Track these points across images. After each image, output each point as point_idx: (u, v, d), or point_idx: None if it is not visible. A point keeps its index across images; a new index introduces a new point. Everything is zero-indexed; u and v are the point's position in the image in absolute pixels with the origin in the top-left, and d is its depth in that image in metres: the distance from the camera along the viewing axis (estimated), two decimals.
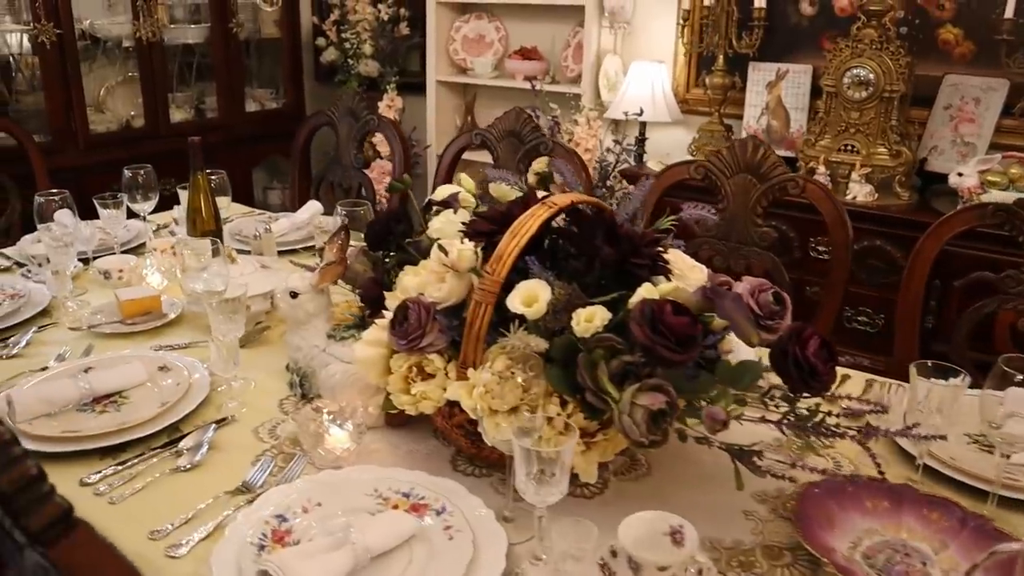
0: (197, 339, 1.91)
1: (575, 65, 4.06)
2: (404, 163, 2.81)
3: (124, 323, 1.97)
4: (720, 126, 3.60)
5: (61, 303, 2.06)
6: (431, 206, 1.59)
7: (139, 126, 3.90)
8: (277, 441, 1.47)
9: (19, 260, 2.41)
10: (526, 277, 1.29)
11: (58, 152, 3.50)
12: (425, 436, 1.50)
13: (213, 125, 4.18)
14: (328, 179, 3.01)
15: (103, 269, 2.22)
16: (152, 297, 2.02)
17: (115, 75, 3.93)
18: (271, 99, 4.60)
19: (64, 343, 1.89)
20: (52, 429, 1.46)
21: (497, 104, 4.47)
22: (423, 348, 1.30)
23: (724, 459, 1.28)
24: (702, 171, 2.19)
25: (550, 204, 1.31)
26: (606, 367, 1.19)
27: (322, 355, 1.56)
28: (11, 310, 1.99)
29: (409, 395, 1.32)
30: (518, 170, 2.50)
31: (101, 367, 1.69)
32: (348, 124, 2.93)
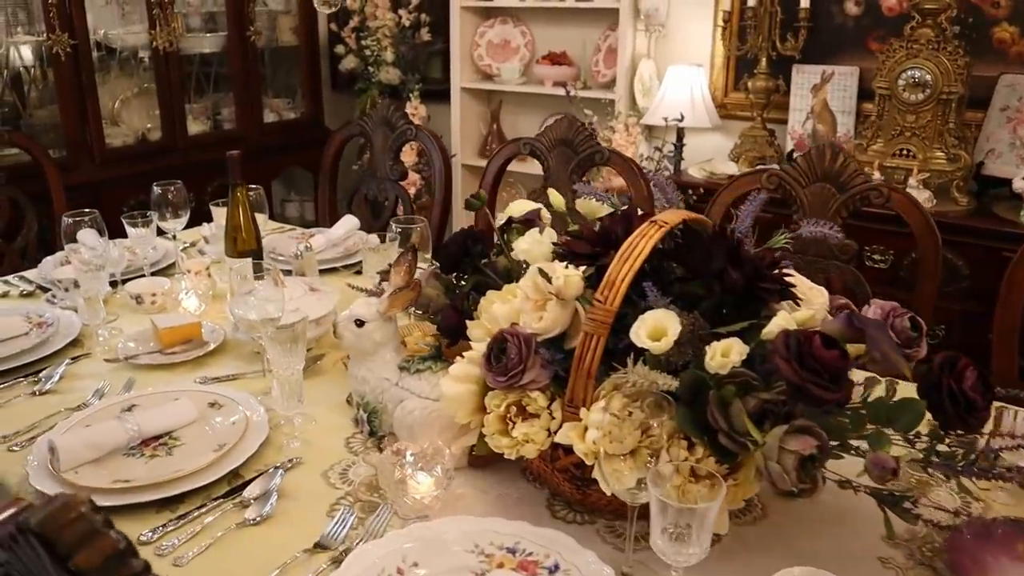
0: (243, 369, 1.77)
1: (607, 70, 3.93)
2: (444, 176, 2.67)
3: (163, 353, 1.82)
4: (763, 131, 3.46)
5: (92, 331, 1.92)
6: (510, 223, 1.45)
7: (156, 139, 3.76)
8: (351, 487, 1.33)
9: (42, 284, 2.26)
10: (631, 305, 1.16)
11: (74, 167, 3.36)
12: (514, 478, 1.36)
13: (231, 137, 4.04)
14: (362, 192, 2.87)
15: (135, 293, 2.08)
16: (192, 324, 1.88)
17: (130, 87, 3.79)
18: (288, 109, 4.46)
19: (100, 376, 1.75)
20: (101, 478, 1.32)
21: (524, 111, 4.35)
22: (524, 385, 1.16)
23: (844, 497, 1.15)
24: (775, 180, 2.06)
25: (660, 223, 1.17)
26: (743, 406, 1.05)
27: (394, 389, 1.41)
28: (40, 341, 1.85)
29: (509, 437, 1.18)
30: (571, 181, 2.36)
31: (146, 405, 1.55)
32: (383, 134, 2.79)
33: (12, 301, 2.19)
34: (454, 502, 1.29)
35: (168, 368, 1.78)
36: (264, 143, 4.13)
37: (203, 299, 2.06)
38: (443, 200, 2.68)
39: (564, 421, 1.16)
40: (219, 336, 1.88)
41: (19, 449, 1.47)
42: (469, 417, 1.24)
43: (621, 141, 3.50)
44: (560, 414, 1.16)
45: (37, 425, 1.54)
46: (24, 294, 2.23)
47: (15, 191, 2.90)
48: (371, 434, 1.46)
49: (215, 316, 2.03)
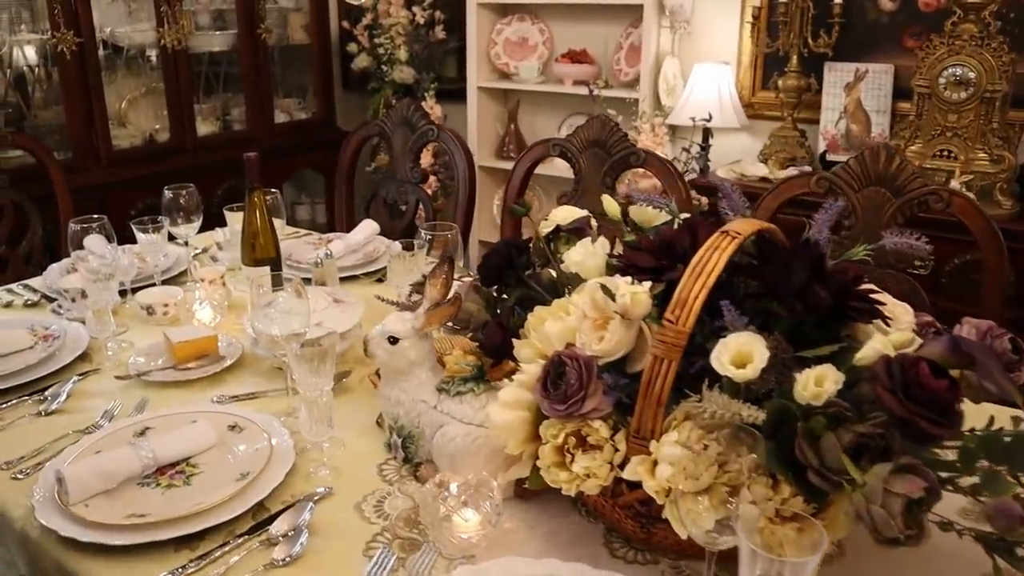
0: (263, 386, 1.66)
1: (629, 68, 3.81)
2: (468, 179, 2.55)
3: (177, 369, 1.71)
4: (794, 131, 3.34)
5: (101, 345, 1.81)
6: (558, 232, 1.34)
7: (164, 140, 3.65)
8: (388, 522, 1.22)
9: (48, 293, 2.15)
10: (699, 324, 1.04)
11: (80, 170, 3.25)
12: (565, 510, 1.24)
13: (241, 138, 3.93)
14: (380, 195, 2.76)
15: (146, 304, 1.97)
16: (208, 338, 1.77)
17: (137, 86, 3.68)
18: (299, 109, 4.35)
19: (110, 395, 1.64)
20: (114, 513, 1.20)
21: (542, 111, 4.24)
22: (585, 415, 1.05)
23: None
24: (825, 184, 1.94)
25: (732, 233, 1.06)
26: (837, 441, 0.94)
27: (432, 413, 1.30)
28: (46, 355, 1.74)
29: (568, 471, 1.07)
30: (604, 185, 2.25)
31: (160, 428, 1.44)
32: (403, 135, 2.68)
33: (16, 312, 2.08)
34: (501, 539, 1.17)
35: (183, 385, 1.67)
36: (275, 144, 4.01)
37: (218, 310, 1.95)
38: (466, 204, 2.57)
39: (629, 454, 1.05)
40: (236, 351, 1.77)
41: (24, 477, 1.36)
42: (521, 447, 1.13)
43: (647, 142, 3.38)
44: (624, 446, 1.05)
45: (43, 449, 1.44)
46: (29, 304, 2.12)
47: (19, 195, 2.80)
48: (406, 460, 1.35)
49: (231, 328, 1.93)
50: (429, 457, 1.32)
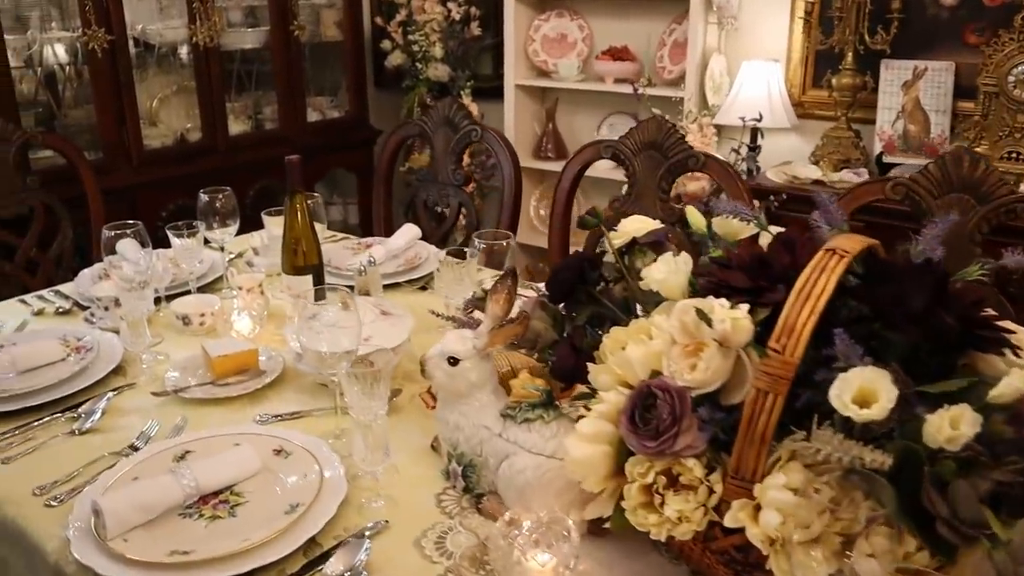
0: (306, 404, 1.58)
1: (673, 66, 3.70)
2: (514, 182, 2.45)
3: (216, 384, 1.63)
4: (848, 131, 3.22)
5: (135, 357, 1.73)
6: (634, 245, 1.24)
7: (195, 140, 3.57)
8: (452, 562, 1.12)
9: (80, 301, 2.08)
10: None
11: (110, 170, 3.18)
12: (642, 548, 1.14)
13: (274, 137, 3.85)
14: (421, 197, 2.67)
15: (181, 314, 1.88)
16: (248, 352, 1.68)
17: (168, 85, 3.61)
18: (331, 107, 4.27)
19: (146, 412, 1.55)
20: (156, 550, 1.12)
21: (581, 110, 4.14)
22: (678, 452, 0.95)
23: None
24: (902, 190, 1.83)
25: (840, 252, 0.95)
26: (972, 489, 0.83)
27: (497, 441, 1.20)
28: (79, 369, 1.66)
29: (657, 514, 0.97)
30: (659, 189, 2.14)
31: (201, 452, 1.35)
32: (445, 135, 2.58)
33: (48, 320, 2.01)
34: None
35: (222, 403, 1.58)
36: (307, 143, 3.93)
37: (257, 320, 1.87)
38: (512, 207, 2.47)
39: (726, 496, 0.94)
40: (277, 365, 1.68)
41: (58, 504, 1.27)
42: (602, 485, 1.03)
43: (695, 142, 3.27)
44: (721, 487, 0.95)
45: (77, 473, 1.35)
46: (60, 312, 2.04)
47: (50, 196, 2.72)
48: (467, 491, 1.26)
49: (270, 340, 1.84)
50: (492, 488, 1.23)
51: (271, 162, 3.75)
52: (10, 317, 2.01)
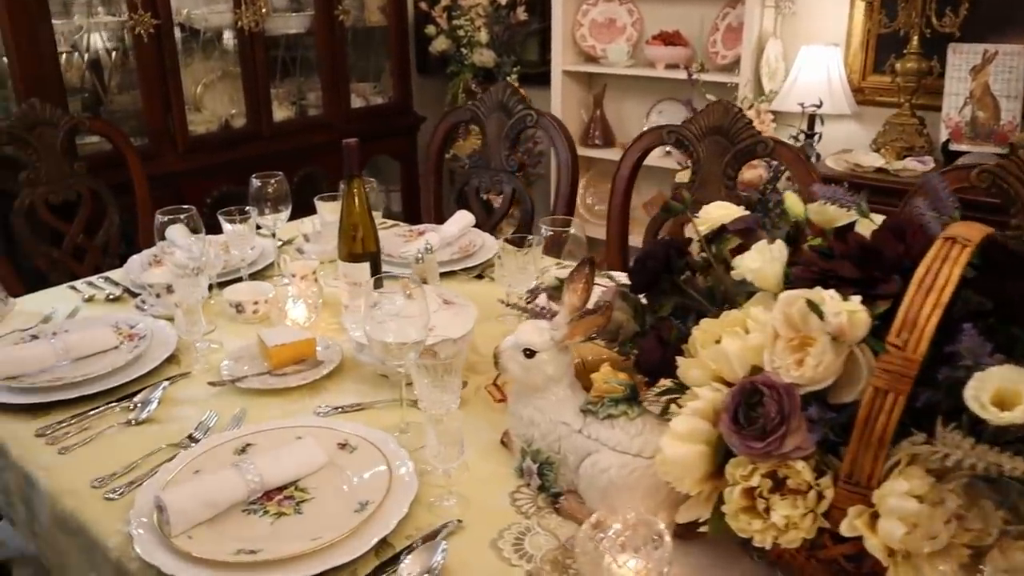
0: (366, 396, 1.53)
1: (726, 51, 3.62)
2: (571, 169, 2.39)
3: (273, 375, 1.58)
4: (912, 118, 3.12)
5: (189, 345, 1.69)
6: (723, 232, 1.17)
7: (239, 126, 3.54)
8: (533, 565, 1.06)
9: (131, 288, 2.04)
10: None
11: (155, 156, 3.15)
12: (732, 553, 1.08)
13: (317, 123, 3.81)
14: (472, 184, 2.61)
15: (235, 302, 1.84)
16: (305, 341, 1.63)
17: (213, 70, 3.57)
18: (375, 94, 4.22)
19: (203, 403, 1.51)
20: (222, 547, 1.07)
21: (629, 97, 4.06)
22: (786, 454, 0.89)
23: None
24: (988, 178, 1.74)
25: (962, 241, 0.88)
26: None
27: (577, 438, 1.15)
28: (133, 357, 1.62)
29: (761, 519, 0.91)
30: (725, 175, 2.07)
31: (263, 444, 1.31)
32: (498, 120, 2.52)
33: (98, 307, 1.98)
34: None
35: (280, 394, 1.53)
36: (350, 130, 3.87)
37: (311, 309, 1.82)
38: (568, 195, 2.41)
39: (838, 503, 0.88)
40: (335, 355, 1.64)
41: (117, 497, 1.24)
42: (698, 487, 0.97)
43: None
44: (831, 492, 0.88)
45: (135, 465, 1.31)
46: (111, 299, 2.01)
47: (96, 182, 2.70)
48: (542, 489, 1.20)
49: (325, 329, 1.80)
50: (571, 487, 1.17)
51: (314, 149, 3.72)
52: (61, 304, 1.98)
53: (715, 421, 0.97)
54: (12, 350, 1.61)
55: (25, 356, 1.59)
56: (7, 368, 1.55)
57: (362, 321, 1.38)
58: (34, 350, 1.61)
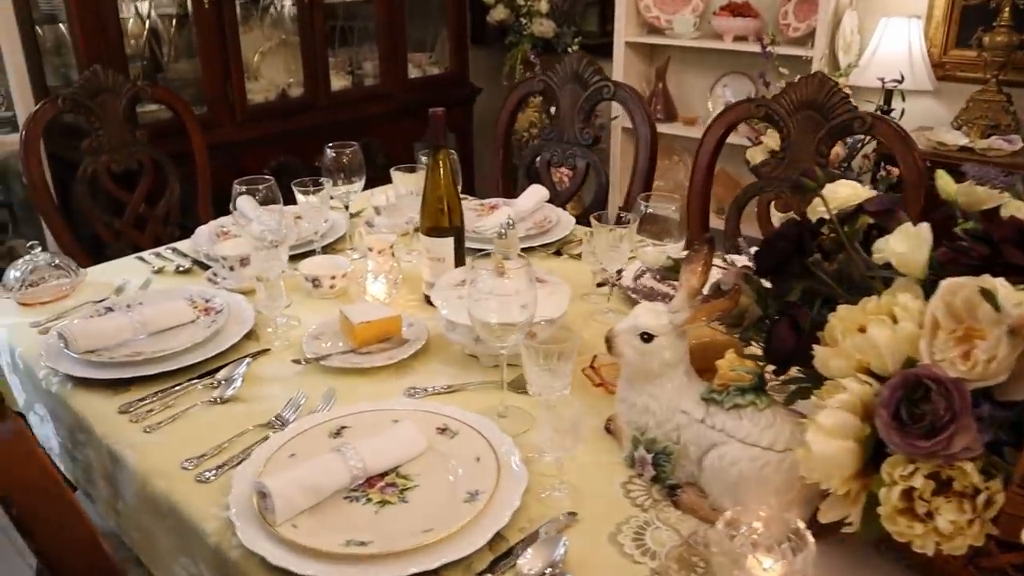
0: (456, 377, 1.48)
1: (799, 22, 3.51)
2: (650, 145, 2.32)
3: (358, 353, 1.54)
4: (999, 95, 3.01)
5: (268, 320, 1.65)
6: (859, 213, 1.10)
7: (296, 96, 3.49)
8: (658, 563, 1.01)
9: (199, 259, 2.01)
10: None
11: (213, 126, 3.11)
12: (862, 551, 1.02)
13: (374, 94, 3.76)
14: (544, 158, 2.55)
15: (312, 276, 1.80)
16: (391, 319, 1.58)
17: (270, 38, 3.52)
18: (430, 63, 4.15)
19: (287, 381, 1.47)
20: (329, 538, 1.03)
21: (693, 70, 3.97)
22: (954, 455, 0.82)
23: None
24: None
25: None
26: None
27: (699, 428, 1.09)
28: (211, 333, 1.58)
29: (921, 523, 0.85)
30: (818, 153, 1.99)
31: (358, 428, 1.26)
32: (572, 92, 2.46)
33: (169, 279, 1.95)
34: None
35: (366, 373, 1.49)
36: (407, 101, 3.83)
37: (392, 284, 1.77)
38: (646, 172, 2.34)
39: (1009, 508, 0.82)
40: (421, 333, 1.59)
41: (211, 479, 1.20)
42: (847, 485, 0.91)
43: None
44: (1002, 496, 0.82)
45: (225, 447, 1.27)
46: (181, 270, 1.98)
47: (157, 151, 2.67)
48: (656, 480, 1.15)
49: (404, 306, 1.75)
50: (691, 479, 1.12)
51: (370, 120, 3.67)
52: (132, 275, 1.95)
53: (864, 416, 0.91)
54: (89, 323, 1.58)
55: (104, 329, 1.56)
56: (85, 341, 1.52)
57: (461, 300, 1.33)
58: (112, 323, 1.58)
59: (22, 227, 3.15)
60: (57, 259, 1.90)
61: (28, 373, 1.61)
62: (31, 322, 1.73)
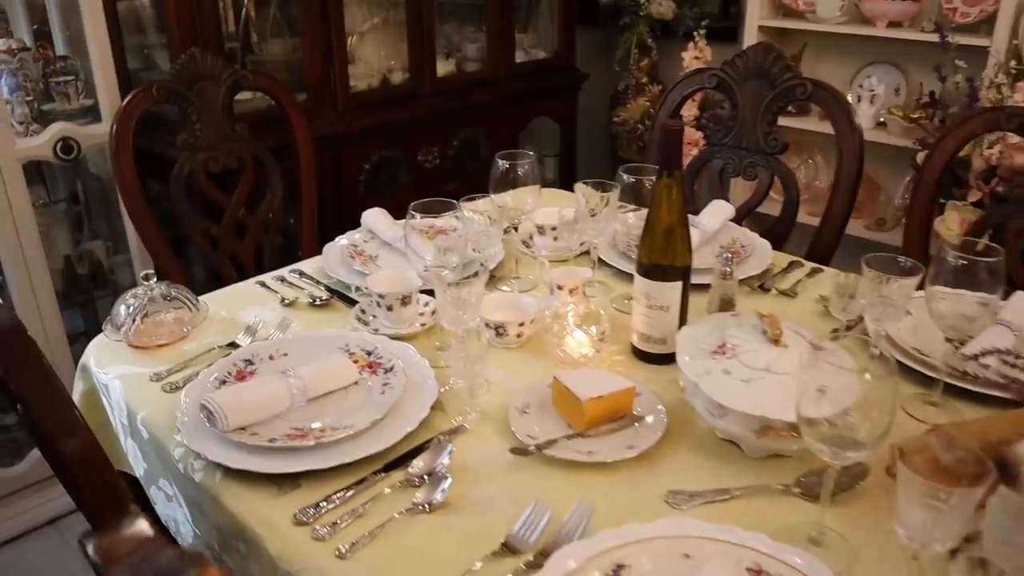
0: (725, 476, 1.14)
1: (968, 7, 3.11)
2: (858, 157, 1.96)
3: (585, 436, 1.20)
4: None
5: (451, 383, 1.33)
6: None
7: (398, 82, 3.14)
8: None
9: (337, 290, 1.69)
10: None
11: (313, 117, 2.77)
12: None
13: (478, 80, 3.39)
14: (716, 166, 2.20)
15: (496, 322, 1.46)
16: (624, 392, 1.25)
17: (369, 17, 3.16)
18: (535, 47, 3.78)
19: (502, 477, 1.15)
20: None
21: (831, 58, 3.59)
22: None
23: None
24: None
25: None
26: None
27: None
28: (389, 403, 1.25)
29: None
30: None
31: (646, 568, 0.92)
32: (755, 89, 2.10)
33: (303, 314, 1.62)
34: None
35: (604, 470, 1.15)
36: (513, 89, 3.47)
37: (598, 337, 1.43)
38: (850, 193, 1.98)
39: None
40: (654, 408, 1.25)
41: None
42: None
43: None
44: None
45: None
46: (317, 304, 1.65)
47: (259, 146, 2.34)
48: None
49: (610, 363, 1.42)
50: None
51: (472, 110, 3.33)
52: (259, 307, 1.64)
53: None
54: (240, 392, 1.25)
55: (259, 399, 1.24)
56: (237, 417, 1.20)
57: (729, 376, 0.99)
58: (266, 390, 1.26)
59: (95, 224, 2.84)
60: (173, 289, 1.58)
61: (155, 446, 1.29)
62: (151, 373, 1.42)
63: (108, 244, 2.79)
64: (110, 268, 2.78)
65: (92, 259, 2.72)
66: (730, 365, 1.18)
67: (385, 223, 1.91)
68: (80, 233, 2.81)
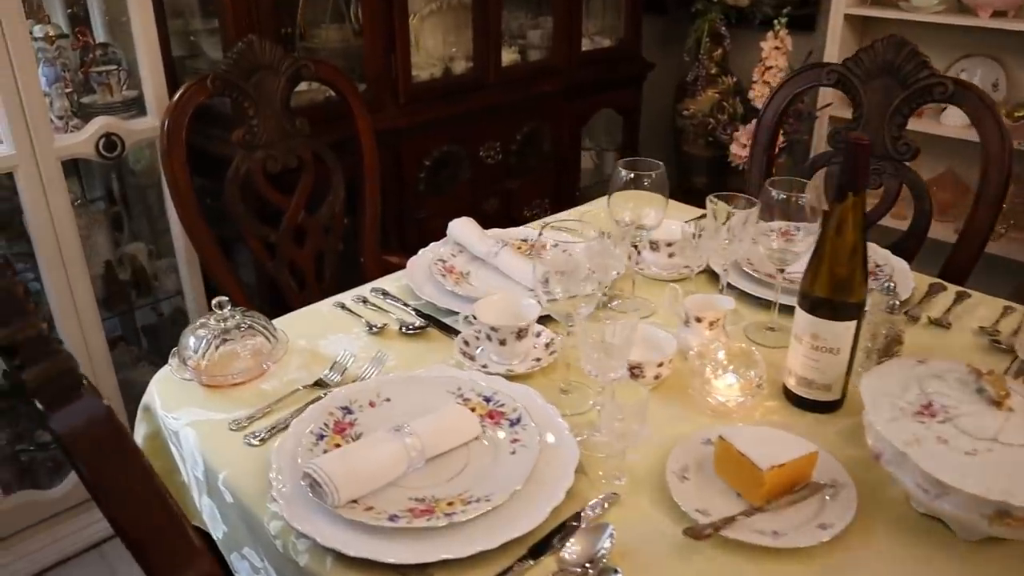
0: (933, 568, 0.95)
1: None
2: (1006, 167, 1.76)
3: (764, 511, 1.01)
4: None
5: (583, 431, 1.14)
6: None
7: (460, 71, 2.93)
8: None
9: (420, 309, 1.51)
10: None
11: (377, 109, 2.58)
12: None
13: (542, 69, 3.18)
14: (830, 169, 2.00)
15: (634, 363, 1.27)
16: (807, 458, 1.06)
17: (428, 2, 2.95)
18: (598, 34, 3.57)
19: (671, 565, 0.96)
20: None
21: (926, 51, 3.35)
22: None
23: None
24: None
25: None
26: None
27: None
28: (526, 467, 1.07)
29: None
30: None
31: None
32: (883, 87, 1.90)
33: (394, 343, 1.45)
34: None
35: (787, 559, 0.97)
36: (578, 79, 3.27)
37: (752, 385, 1.24)
38: (995, 201, 1.78)
39: None
40: (841, 477, 1.06)
41: None
42: None
43: None
44: None
45: None
46: (409, 332, 1.47)
47: (319, 144, 2.16)
48: None
49: (762, 413, 1.23)
50: None
51: (535, 101, 3.13)
52: (341, 335, 1.46)
53: None
54: (351, 454, 1.06)
55: (373, 466, 1.05)
56: (349, 490, 1.01)
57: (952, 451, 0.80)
58: (380, 452, 1.07)
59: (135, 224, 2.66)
60: (248, 318, 1.40)
61: (242, 512, 1.11)
62: (229, 420, 1.23)
63: (150, 247, 2.61)
64: (153, 273, 2.59)
65: (135, 264, 2.53)
66: (945, 431, 0.99)
67: (476, 235, 1.72)
68: (119, 234, 2.63)
